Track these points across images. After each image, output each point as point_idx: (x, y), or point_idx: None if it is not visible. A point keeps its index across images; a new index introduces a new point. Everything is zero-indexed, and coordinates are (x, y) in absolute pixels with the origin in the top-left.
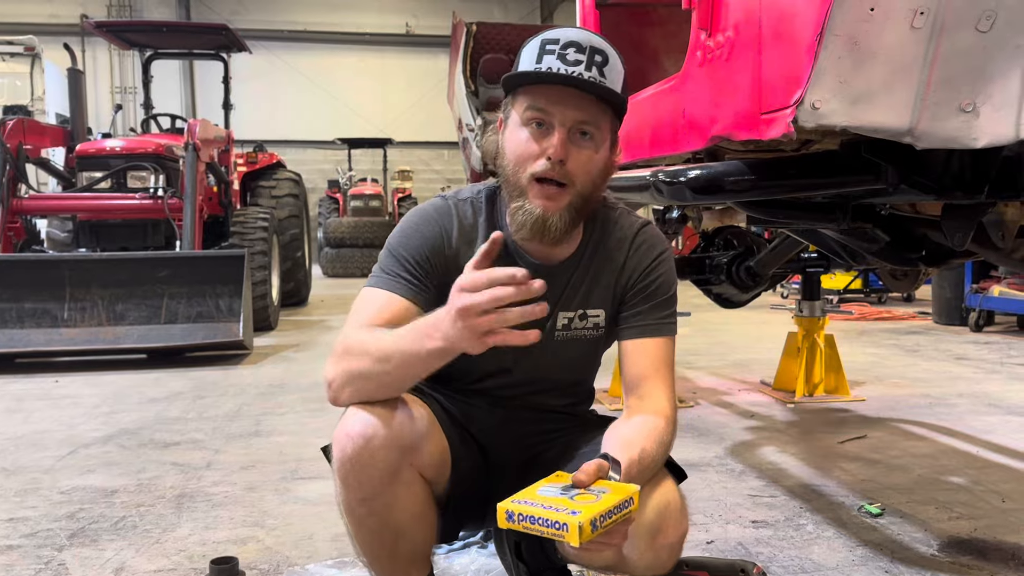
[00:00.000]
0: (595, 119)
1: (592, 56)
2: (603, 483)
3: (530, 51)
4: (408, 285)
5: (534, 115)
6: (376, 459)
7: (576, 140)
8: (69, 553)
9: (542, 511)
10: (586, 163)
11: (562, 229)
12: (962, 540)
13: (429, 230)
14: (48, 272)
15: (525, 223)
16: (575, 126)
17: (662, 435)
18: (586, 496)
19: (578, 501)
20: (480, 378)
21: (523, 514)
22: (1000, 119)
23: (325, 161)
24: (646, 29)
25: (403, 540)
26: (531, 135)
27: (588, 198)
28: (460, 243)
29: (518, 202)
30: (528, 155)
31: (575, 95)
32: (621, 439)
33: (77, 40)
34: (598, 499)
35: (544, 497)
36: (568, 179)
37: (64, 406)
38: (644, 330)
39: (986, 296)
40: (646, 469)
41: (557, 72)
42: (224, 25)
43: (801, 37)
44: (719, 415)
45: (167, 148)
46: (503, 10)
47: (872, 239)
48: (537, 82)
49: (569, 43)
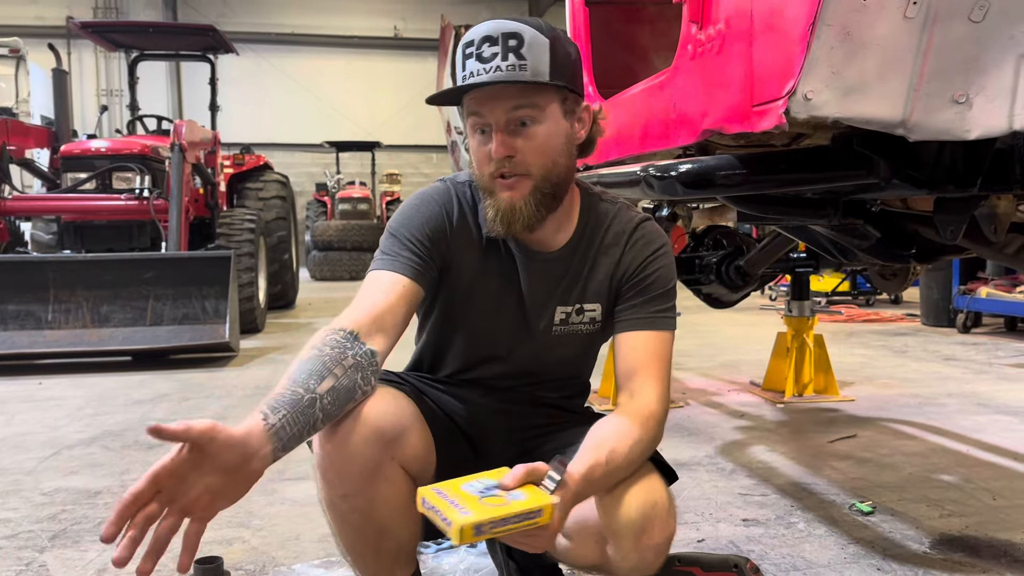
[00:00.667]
0: (528, 101)
1: (506, 43)
2: (529, 488)
3: (459, 60)
4: (410, 264)
5: (476, 122)
6: (356, 454)
7: (516, 130)
8: (50, 554)
9: (444, 504)
10: (535, 147)
11: (529, 215)
12: (953, 537)
13: (430, 210)
14: (32, 274)
15: (495, 216)
16: (509, 119)
17: (641, 434)
18: (496, 500)
19: (485, 503)
20: (473, 366)
21: (428, 501)
22: (993, 110)
23: (313, 164)
24: (636, 27)
25: (387, 537)
26: (478, 140)
27: (554, 177)
28: (460, 224)
29: (488, 200)
30: (482, 159)
31: (497, 90)
32: (593, 440)
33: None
34: (505, 504)
35: (459, 492)
36: (523, 169)
37: (48, 408)
38: (638, 323)
39: (974, 298)
40: (616, 470)
41: (478, 76)
42: (211, 26)
43: (793, 28)
44: (709, 415)
45: (153, 149)
46: (491, 13)
47: (863, 235)
48: (459, 95)
49: (483, 39)
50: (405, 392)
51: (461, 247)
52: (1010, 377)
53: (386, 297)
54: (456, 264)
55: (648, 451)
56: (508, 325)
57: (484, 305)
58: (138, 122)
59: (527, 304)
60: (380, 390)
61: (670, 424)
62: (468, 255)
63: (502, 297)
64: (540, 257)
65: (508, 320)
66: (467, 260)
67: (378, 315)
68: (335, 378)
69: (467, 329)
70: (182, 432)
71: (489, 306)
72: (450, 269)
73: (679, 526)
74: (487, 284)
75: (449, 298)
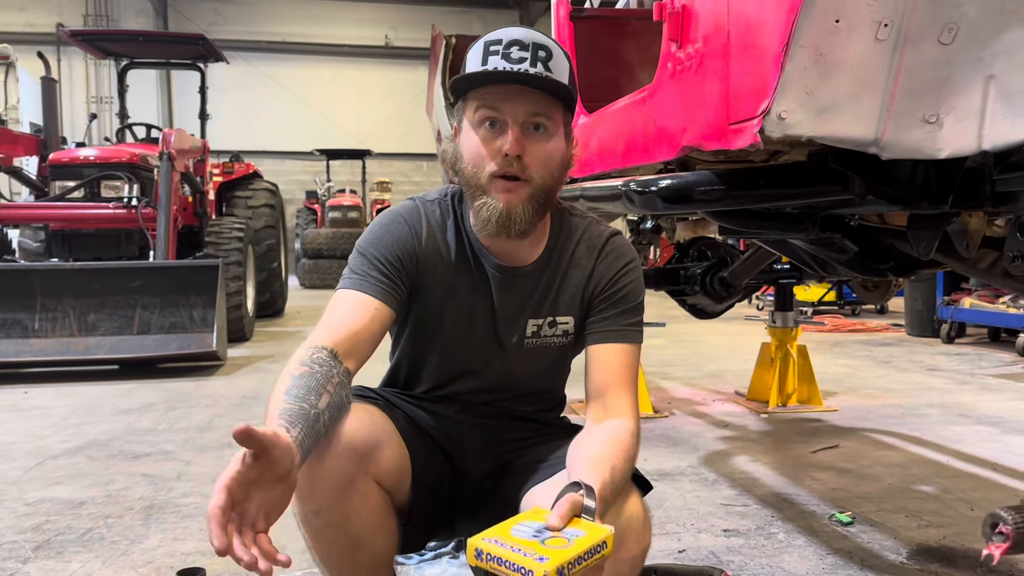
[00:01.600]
0: (546, 111)
1: (536, 52)
2: (578, 523)
3: (475, 54)
4: (378, 285)
5: (486, 115)
6: (329, 469)
7: (530, 134)
8: (34, 565)
9: (511, 554)
10: (542, 155)
11: (526, 220)
12: (931, 548)
13: (399, 230)
14: (19, 282)
15: (489, 218)
16: (527, 120)
17: (628, 449)
18: (558, 540)
19: (549, 545)
20: (448, 382)
21: (492, 554)
22: (963, 130)
23: (303, 172)
24: (620, 41)
25: (362, 551)
26: (485, 135)
27: (548, 191)
28: (429, 243)
29: (481, 199)
30: (485, 155)
31: (524, 91)
32: (591, 458)
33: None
34: (570, 543)
35: (516, 539)
36: (526, 173)
37: (33, 417)
38: (609, 335)
39: (958, 308)
40: (618, 488)
41: (504, 70)
42: (201, 35)
43: (768, 48)
44: (693, 425)
45: (142, 157)
46: (483, 23)
47: (841, 249)
48: (486, 82)
49: (512, 42)
50: (379, 407)
51: (430, 266)
52: (992, 388)
53: (359, 319)
54: (426, 283)
55: (635, 464)
56: (480, 340)
57: (456, 322)
58: (127, 130)
59: (498, 318)
60: (353, 405)
61: (655, 434)
62: (438, 273)
63: (474, 312)
64: (513, 272)
65: (480, 335)
66: (437, 278)
67: (351, 335)
68: (329, 395)
69: (440, 346)
70: (271, 437)
71: (461, 322)
72: (420, 288)
73: (661, 536)
74: (458, 301)
75: (421, 317)
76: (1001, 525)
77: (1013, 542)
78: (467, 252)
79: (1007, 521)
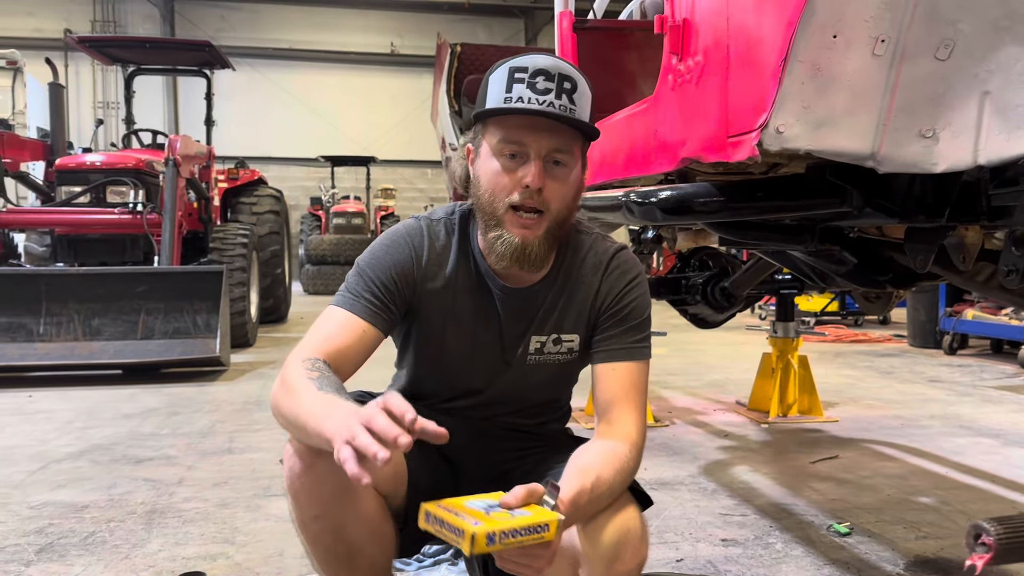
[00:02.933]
0: (568, 146)
1: (561, 84)
2: (531, 508)
3: (499, 79)
4: (369, 307)
5: (507, 147)
6: (325, 476)
7: (550, 169)
8: (36, 568)
9: (453, 518)
10: (561, 189)
11: (542, 256)
12: (928, 559)
13: (399, 252)
14: (25, 286)
15: (505, 253)
16: (549, 155)
17: (623, 463)
18: (502, 514)
19: (492, 516)
20: (451, 398)
21: (437, 516)
22: (959, 145)
23: (308, 178)
24: (623, 52)
25: (360, 556)
26: (505, 165)
27: (563, 222)
28: (430, 265)
29: (496, 232)
30: (504, 185)
31: (548, 124)
32: (579, 466)
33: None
34: (511, 517)
35: (465, 508)
36: (545, 206)
37: (37, 421)
38: (615, 354)
39: (960, 320)
40: (599, 497)
41: (529, 103)
42: (207, 42)
43: (766, 63)
44: (694, 434)
45: (147, 163)
46: (488, 32)
47: (840, 261)
48: (513, 114)
49: (538, 71)
50: None
51: (430, 289)
52: (993, 400)
53: (345, 339)
54: (425, 307)
55: (629, 479)
56: (485, 360)
57: (459, 344)
58: (133, 136)
59: (504, 338)
60: None
61: (656, 443)
62: (439, 296)
63: (477, 333)
64: (519, 293)
65: (485, 355)
66: (437, 301)
67: (336, 352)
68: (347, 394)
69: (442, 368)
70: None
71: (464, 344)
72: (418, 311)
73: (659, 545)
74: (460, 325)
75: (422, 339)
76: (984, 536)
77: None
78: (472, 274)
79: (989, 532)
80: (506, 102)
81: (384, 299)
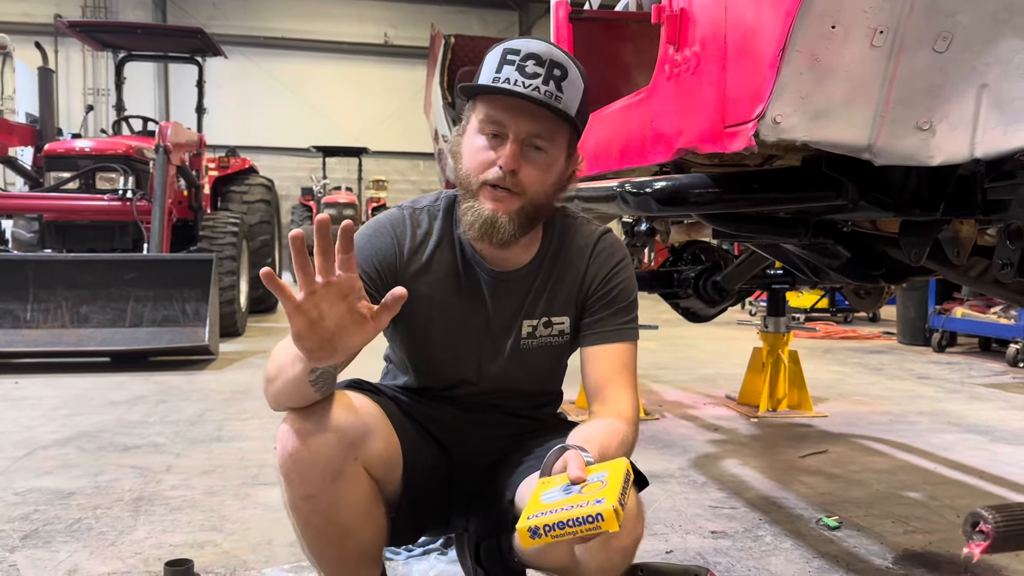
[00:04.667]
0: (549, 133)
1: (551, 70)
2: (591, 469)
3: (492, 59)
4: None
5: (488, 126)
6: (318, 455)
7: (529, 153)
8: (21, 554)
9: (567, 514)
10: (538, 175)
11: (510, 231)
12: (916, 553)
13: (381, 241)
14: (12, 272)
15: (474, 223)
16: (528, 139)
17: (624, 436)
18: (592, 485)
19: (588, 492)
20: (443, 388)
21: (548, 524)
22: (955, 138)
23: (299, 169)
24: (619, 44)
25: (350, 539)
26: (486, 143)
27: (540, 206)
28: (411, 252)
29: (469, 202)
30: (482, 162)
31: (530, 108)
32: (582, 437)
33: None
34: (603, 483)
35: (556, 502)
36: (520, 188)
37: (23, 408)
38: (606, 336)
39: (949, 317)
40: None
41: (515, 86)
42: (199, 29)
43: (764, 53)
44: (684, 428)
45: (137, 150)
46: (482, 23)
47: (833, 255)
48: (493, 93)
49: (529, 55)
50: (370, 396)
51: (413, 275)
52: (981, 397)
53: None
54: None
55: (630, 452)
56: (475, 345)
57: (447, 330)
58: (123, 122)
59: (492, 323)
60: (342, 393)
61: (646, 436)
62: (423, 282)
63: (465, 319)
64: (506, 276)
65: (475, 340)
66: (422, 287)
67: None
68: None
69: (433, 355)
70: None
71: (453, 330)
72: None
73: (649, 537)
74: (447, 313)
75: (410, 326)
76: (981, 524)
77: (993, 541)
78: (457, 260)
79: (987, 520)
80: (494, 82)
81: (368, 288)
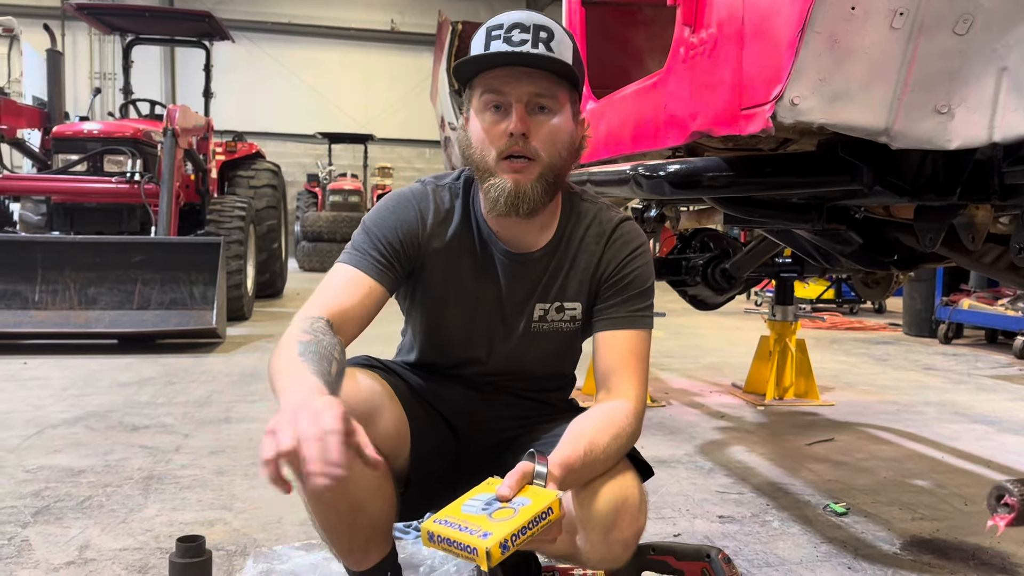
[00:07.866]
0: (550, 91)
1: (537, 33)
2: (527, 490)
3: (478, 41)
4: (376, 265)
5: (490, 98)
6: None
7: (534, 113)
8: (33, 530)
9: (458, 534)
10: (549, 133)
11: (535, 199)
12: (924, 540)
13: (405, 212)
14: (20, 254)
15: (498, 198)
16: (531, 100)
17: (620, 429)
18: (505, 511)
19: (495, 519)
20: (454, 366)
21: (441, 535)
22: (974, 121)
23: (305, 155)
24: (631, 29)
25: (361, 514)
26: (491, 118)
27: (557, 170)
28: (435, 227)
29: (489, 180)
30: (491, 137)
31: (525, 71)
32: (573, 432)
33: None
34: (515, 513)
35: (464, 516)
36: (534, 153)
37: (32, 387)
38: (617, 322)
39: (956, 309)
40: (594, 462)
41: (503, 52)
42: (207, 13)
43: (782, 34)
44: (690, 415)
45: (145, 133)
46: (489, 10)
47: (846, 241)
48: (486, 65)
49: (513, 25)
50: (378, 374)
51: (434, 251)
52: (988, 388)
53: (352, 296)
54: (429, 267)
55: (627, 445)
56: (487, 326)
57: (461, 307)
58: (131, 106)
59: (505, 304)
60: (351, 371)
61: (652, 422)
62: (442, 258)
63: (479, 298)
64: (521, 258)
65: (487, 321)
66: (440, 262)
67: (342, 311)
68: (337, 363)
69: (445, 332)
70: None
71: (467, 308)
72: (421, 274)
73: (656, 521)
74: (462, 288)
75: (426, 301)
76: (1007, 496)
77: (1018, 513)
78: (474, 238)
79: (1012, 493)
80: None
81: (390, 257)
